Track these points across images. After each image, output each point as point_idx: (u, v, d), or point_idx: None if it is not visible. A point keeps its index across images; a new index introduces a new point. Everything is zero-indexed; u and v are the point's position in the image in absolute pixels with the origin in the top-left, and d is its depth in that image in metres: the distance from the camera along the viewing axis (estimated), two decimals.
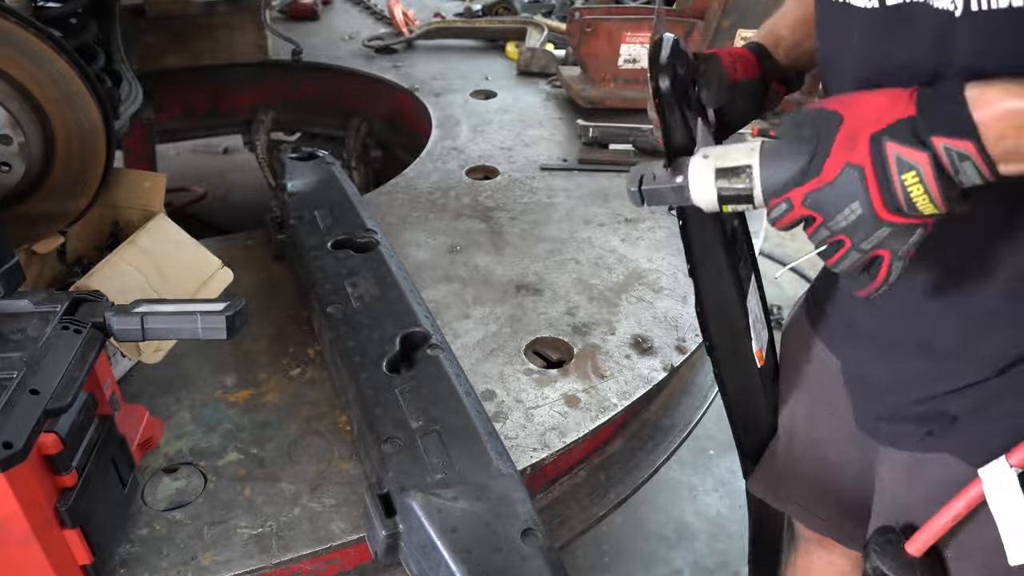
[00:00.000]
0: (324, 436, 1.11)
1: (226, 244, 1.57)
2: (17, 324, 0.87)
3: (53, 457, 0.79)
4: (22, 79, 1.08)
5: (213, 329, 0.88)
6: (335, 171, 1.60)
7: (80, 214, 1.23)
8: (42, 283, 1.26)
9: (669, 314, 1.39)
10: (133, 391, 1.17)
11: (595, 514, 1.29)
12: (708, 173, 0.80)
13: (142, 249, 1.18)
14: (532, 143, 2.07)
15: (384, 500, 0.88)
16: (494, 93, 2.41)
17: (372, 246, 1.34)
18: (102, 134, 1.17)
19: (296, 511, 0.99)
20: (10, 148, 1.08)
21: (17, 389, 0.76)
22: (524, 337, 1.31)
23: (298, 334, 1.31)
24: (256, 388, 1.19)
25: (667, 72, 0.88)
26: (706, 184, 0.80)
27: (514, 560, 0.80)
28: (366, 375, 1.05)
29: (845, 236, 0.74)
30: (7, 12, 1.05)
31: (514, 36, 2.84)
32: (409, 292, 1.22)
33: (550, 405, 1.17)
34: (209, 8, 2.54)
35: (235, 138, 3.53)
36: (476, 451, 0.93)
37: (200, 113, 2.88)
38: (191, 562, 0.92)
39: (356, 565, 1.08)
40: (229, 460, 1.06)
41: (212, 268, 1.25)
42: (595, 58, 2.17)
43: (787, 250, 4.02)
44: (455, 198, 1.78)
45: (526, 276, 1.49)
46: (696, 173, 0.81)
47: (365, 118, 2.78)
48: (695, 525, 2.36)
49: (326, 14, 3.24)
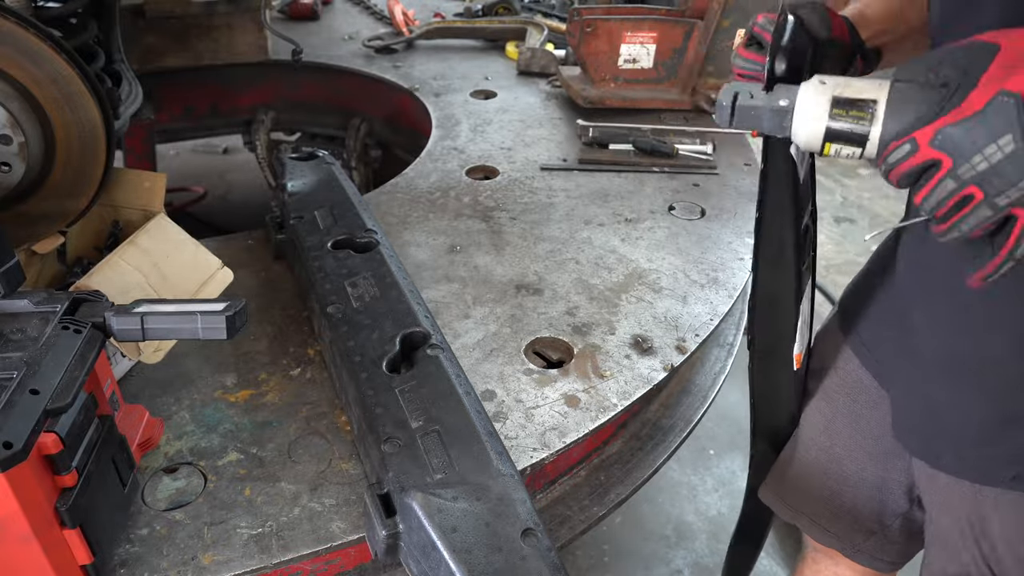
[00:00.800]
0: (324, 436, 1.11)
1: (226, 244, 1.57)
2: (17, 324, 0.87)
3: (53, 457, 0.78)
4: (22, 79, 1.08)
5: (213, 329, 0.88)
6: (335, 171, 1.60)
7: (80, 214, 1.23)
8: (42, 283, 1.26)
9: (669, 314, 1.39)
10: (133, 391, 1.17)
11: (595, 514, 1.29)
12: (822, 99, 0.69)
13: (142, 249, 1.18)
14: (532, 143, 2.07)
15: (384, 500, 0.88)
16: (494, 93, 2.41)
17: (372, 246, 1.34)
18: (102, 134, 1.17)
19: (296, 511, 0.99)
20: (10, 148, 1.08)
21: (17, 389, 0.76)
22: (524, 337, 1.32)
23: (298, 334, 1.31)
24: (256, 388, 1.19)
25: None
26: (816, 112, 0.69)
27: (514, 560, 0.80)
28: (366, 375, 1.05)
29: (977, 187, 0.60)
30: (7, 12, 1.05)
31: (514, 36, 2.84)
32: (409, 292, 1.22)
33: (550, 405, 1.17)
34: (209, 8, 2.54)
35: (235, 138, 3.53)
36: (476, 451, 0.93)
37: (200, 113, 2.88)
38: (191, 562, 0.92)
39: (356, 565, 1.08)
40: (229, 460, 1.06)
41: (212, 268, 1.25)
42: (595, 58, 2.17)
43: None
44: (455, 198, 1.78)
45: (526, 276, 1.49)
46: (807, 98, 0.70)
47: (365, 118, 2.78)
48: (695, 525, 2.36)
49: (326, 14, 3.24)
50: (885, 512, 1.18)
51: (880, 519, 1.19)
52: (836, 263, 3.91)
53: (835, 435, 1.19)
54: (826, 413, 1.20)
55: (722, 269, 1.53)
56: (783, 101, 0.72)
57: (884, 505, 1.17)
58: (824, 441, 1.21)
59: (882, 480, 1.16)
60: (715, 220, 1.72)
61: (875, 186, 4.70)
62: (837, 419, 1.19)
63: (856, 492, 1.18)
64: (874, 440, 1.14)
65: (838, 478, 1.19)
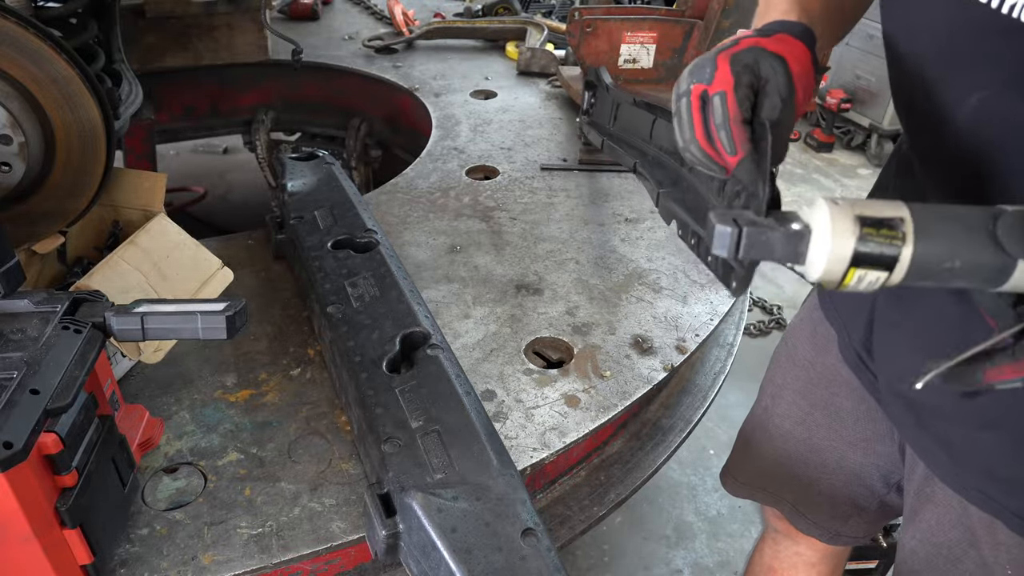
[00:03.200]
0: (324, 436, 1.11)
1: (226, 244, 1.57)
2: (17, 324, 0.87)
3: (53, 457, 0.78)
4: (22, 79, 1.08)
5: (213, 329, 0.88)
6: (335, 171, 1.60)
7: (80, 214, 1.23)
8: (42, 283, 1.26)
9: (669, 314, 1.39)
10: (133, 391, 1.17)
11: (595, 514, 1.29)
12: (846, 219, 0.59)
13: (142, 249, 1.18)
14: (532, 143, 2.07)
15: (384, 500, 0.88)
16: (494, 93, 2.41)
17: (372, 246, 1.34)
18: (102, 134, 1.17)
19: (296, 511, 0.99)
20: (10, 148, 1.08)
21: (17, 389, 0.76)
22: (524, 337, 1.32)
23: (298, 334, 1.31)
24: (256, 388, 1.19)
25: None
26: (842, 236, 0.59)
27: (514, 560, 0.80)
28: (366, 375, 1.05)
29: None
30: (7, 12, 1.05)
31: (514, 36, 2.84)
32: (409, 292, 1.22)
33: (550, 405, 1.17)
34: (209, 8, 2.54)
35: (235, 138, 3.54)
36: (476, 451, 0.93)
37: (200, 113, 2.88)
38: (191, 562, 0.92)
39: (356, 565, 1.08)
40: (229, 460, 1.06)
41: (212, 268, 1.25)
42: (595, 58, 2.17)
43: None
44: (455, 198, 1.78)
45: (526, 276, 1.49)
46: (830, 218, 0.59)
47: (365, 118, 2.78)
48: (695, 525, 2.36)
49: (326, 14, 3.24)
50: (862, 496, 1.20)
51: (856, 503, 1.21)
52: None
53: (812, 428, 1.20)
54: (803, 407, 1.21)
55: None
56: (796, 224, 0.62)
57: (862, 490, 1.19)
58: (802, 433, 1.22)
59: (860, 466, 1.17)
60: None
61: None
62: (815, 412, 1.20)
63: (834, 479, 1.20)
64: (852, 427, 1.16)
65: (819, 468, 1.21)
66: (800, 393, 1.22)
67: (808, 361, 1.20)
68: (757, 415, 1.31)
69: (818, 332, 1.18)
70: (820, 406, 1.19)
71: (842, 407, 1.16)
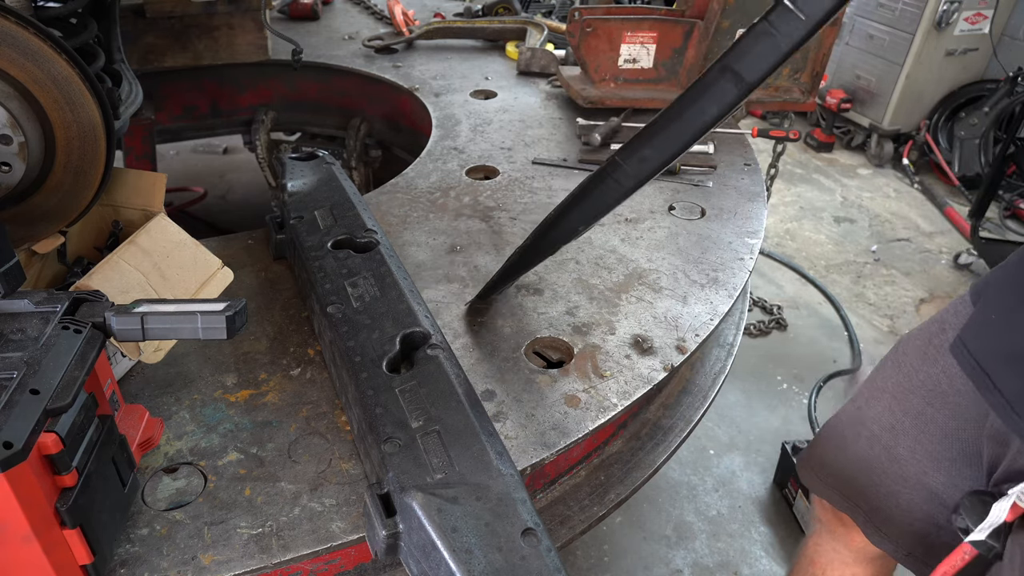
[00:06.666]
0: (324, 436, 1.11)
1: (226, 244, 1.57)
2: (17, 324, 0.87)
3: (53, 457, 0.78)
4: (22, 79, 1.08)
5: (213, 329, 0.88)
6: (335, 171, 1.60)
7: (80, 214, 1.23)
8: (42, 283, 1.26)
9: (669, 314, 1.39)
10: (133, 391, 1.17)
11: (595, 514, 1.29)
12: None
13: (142, 249, 1.18)
14: (532, 143, 2.07)
15: (384, 500, 0.88)
16: (494, 93, 2.42)
17: (372, 246, 1.34)
18: (102, 134, 1.17)
19: (296, 511, 0.99)
20: (10, 148, 1.08)
21: (17, 389, 0.76)
22: (524, 337, 1.32)
23: (298, 334, 1.31)
24: (256, 388, 1.19)
25: None
26: None
27: (514, 560, 0.80)
28: (366, 375, 1.05)
29: None
30: (7, 12, 1.05)
31: (514, 36, 2.84)
32: (409, 292, 1.22)
33: (550, 405, 1.17)
34: (209, 8, 2.54)
35: (235, 138, 3.54)
36: (476, 451, 0.93)
37: (200, 113, 2.89)
38: (191, 562, 0.92)
39: (356, 565, 1.08)
40: (229, 460, 1.06)
41: (212, 268, 1.25)
42: (595, 58, 2.18)
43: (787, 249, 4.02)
44: (455, 198, 1.78)
45: (526, 276, 1.49)
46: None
47: (365, 118, 2.79)
48: (695, 525, 2.36)
49: (326, 14, 3.24)
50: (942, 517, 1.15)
51: (936, 522, 1.16)
52: (836, 263, 3.91)
53: (900, 435, 1.17)
54: (895, 412, 1.19)
55: (722, 269, 1.53)
56: None
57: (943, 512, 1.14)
58: (888, 440, 1.19)
59: (943, 486, 1.13)
60: (715, 220, 1.72)
61: (875, 186, 4.70)
62: (905, 420, 1.17)
63: (913, 494, 1.16)
64: (939, 443, 1.12)
65: (897, 478, 1.18)
66: (896, 398, 1.19)
67: (912, 367, 1.18)
68: (849, 412, 1.28)
69: (932, 343, 1.15)
70: (912, 414, 1.16)
71: (933, 419, 1.13)
